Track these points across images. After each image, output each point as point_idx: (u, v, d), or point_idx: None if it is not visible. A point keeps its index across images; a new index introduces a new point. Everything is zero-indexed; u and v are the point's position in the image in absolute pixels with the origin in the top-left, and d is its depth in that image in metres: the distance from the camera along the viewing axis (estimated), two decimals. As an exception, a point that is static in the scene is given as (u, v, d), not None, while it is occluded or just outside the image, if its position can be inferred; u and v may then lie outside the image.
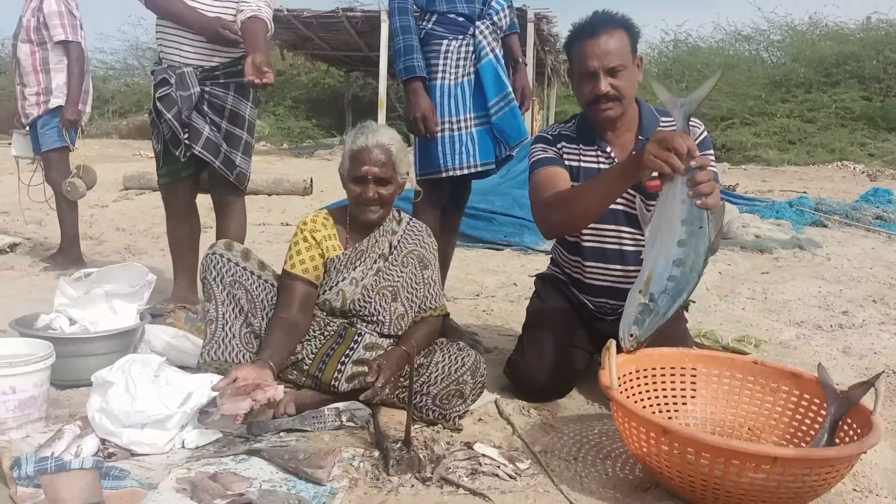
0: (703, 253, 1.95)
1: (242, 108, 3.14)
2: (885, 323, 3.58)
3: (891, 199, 7.67)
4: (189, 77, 3.01)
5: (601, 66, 2.28)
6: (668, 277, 1.97)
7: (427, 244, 2.45)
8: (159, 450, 1.95)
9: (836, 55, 18.96)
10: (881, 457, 2.06)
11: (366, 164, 2.26)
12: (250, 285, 2.32)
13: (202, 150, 3.05)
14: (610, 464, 2.00)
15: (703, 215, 1.93)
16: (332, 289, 2.33)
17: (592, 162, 2.44)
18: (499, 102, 2.84)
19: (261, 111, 20.11)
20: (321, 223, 2.38)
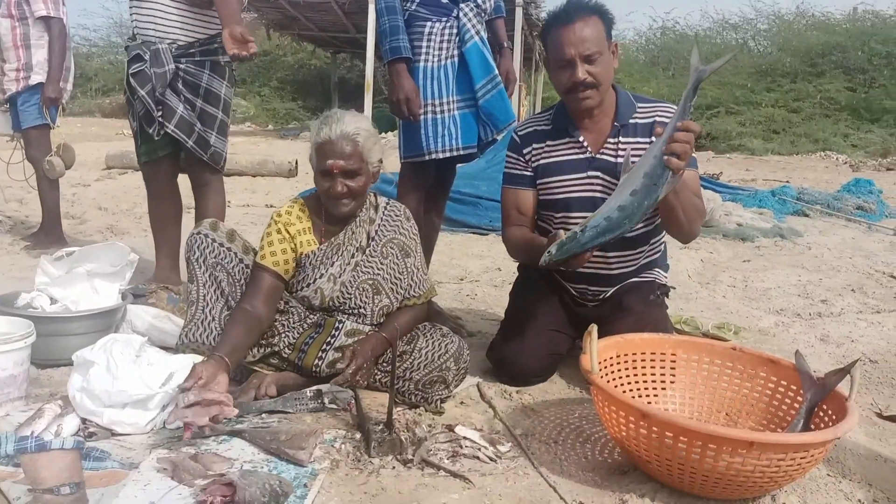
0: (644, 207, 2.06)
1: (218, 86, 3.08)
2: (863, 312, 3.63)
3: (872, 190, 7.74)
4: (164, 53, 2.95)
5: (577, 54, 2.27)
6: (605, 217, 2.07)
7: (407, 230, 2.37)
8: (140, 430, 1.95)
9: (822, 45, 19.03)
10: (855, 443, 2.10)
11: (330, 157, 2.15)
12: (232, 268, 2.28)
13: (175, 129, 3.00)
14: (590, 447, 2.02)
15: (662, 175, 2.01)
16: (309, 286, 2.27)
17: (563, 154, 2.47)
18: (486, 85, 2.81)
19: (246, 92, 19.98)
20: (296, 216, 2.29)
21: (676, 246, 4.93)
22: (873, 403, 2.45)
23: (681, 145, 1.97)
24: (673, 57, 21.56)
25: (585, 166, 2.43)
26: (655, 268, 2.59)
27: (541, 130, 2.52)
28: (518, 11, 12.66)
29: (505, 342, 2.52)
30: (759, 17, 22.48)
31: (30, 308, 2.49)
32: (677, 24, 23.70)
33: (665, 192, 2.04)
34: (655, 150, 2.02)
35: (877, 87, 17.72)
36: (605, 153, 2.42)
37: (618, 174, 2.38)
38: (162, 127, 3.00)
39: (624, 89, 2.49)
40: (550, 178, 2.47)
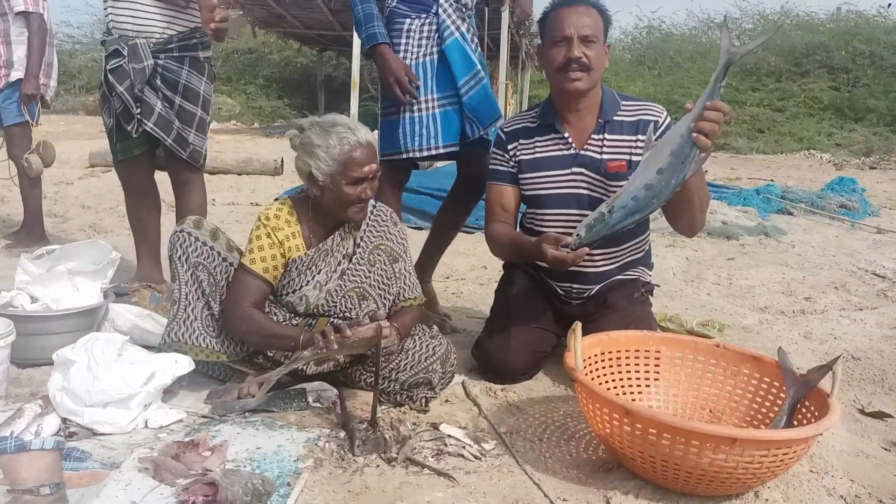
0: (672, 186, 2.02)
1: (197, 83, 3.05)
2: (846, 309, 3.65)
3: (855, 189, 7.79)
4: (142, 49, 2.91)
5: (576, 32, 2.30)
6: (633, 197, 2.04)
7: (394, 234, 2.31)
8: (122, 429, 1.93)
9: (807, 45, 19.17)
10: (837, 439, 2.11)
11: (366, 162, 2.10)
12: (214, 267, 2.23)
13: (153, 127, 2.96)
14: (574, 444, 2.02)
15: (690, 153, 1.98)
16: (294, 293, 2.22)
17: (549, 150, 2.48)
18: (469, 81, 2.76)
19: (231, 89, 19.87)
20: (284, 219, 2.21)
21: (662, 244, 4.96)
22: (856, 400, 2.47)
23: (709, 124, 1.95)
24: (659, 56, 21.65)
25: (570, 162, 2.44)
26: (640, 266, 2.59)
27: (526, 127, 2.53)
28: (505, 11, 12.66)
29: (490, 340, 2.52)
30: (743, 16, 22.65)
31: (9, 307, 2.46)
32: (663, 23, 23.86)
33: (692, 171, 2.01)
34: (682, 129, 1.99)
35: (860, 86, 17.86)
36: (589, 149, 2.42)
37: (602, 170, 2.39)
38: (140, 124, 2.96)
39: (609, 88, 2.50)
40: (534, 173, 2.48)
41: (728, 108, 2.01)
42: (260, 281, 2.17)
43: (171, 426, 1.99)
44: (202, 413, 2.08)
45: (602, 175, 2.40)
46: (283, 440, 1.92)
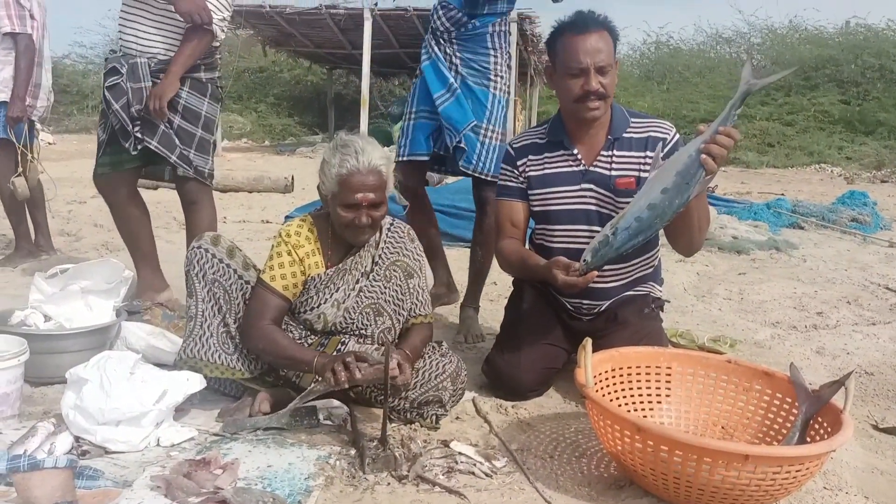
0: (675, 206, 2.02)
1: (197, 104, 3.07)
2: (859, 324, 3.63)
3: (866, 202, 7.75)
4: (142, 68, 2.94)
5: (592, 64, 2.30)
6: (636, 217, 2.04)
7: (410, 251, 2.31)
8: (134, 447, 1.94)
9: (816, 59, 19.13)
10: (851, 455, 2.10)
11: (359, 190, 2.09)
12: (230, 285, 2.24)
13: (158, 145, 2.98)
14: (585, 462, 2.02)
15: (696, 175, 1.98)
16: (312, 310, 2.22)
17: (558, 166, 2.50)
18: (443, 94, 3.04)
19: (242, 108, 20.01)
20: (305, 236, 2.22)
21: (672, 259, 4.95)
22: (869, 415, 2.45)
23: (719, 148, 1.96)
24: (667, 71, 21.64)
25: (579, 178, 2.45)
26: (650, 281, 2.59)
27: (536, 143, 2.54)
28: (513, 27, 12.73)
29: (500, 356, 2.52)
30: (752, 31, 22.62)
31: (23, 326, 2.48)
32: (671, 38, 23.82)
33: (697, 192, 2.02)
34: (691, 150, 2.00)
35: (870, 99, 17.79)
36: (598, 166, 2.43)
37: (611, 186, 2.40)
38: (139, 142, 2.96)
39: (618, 104, 2.51)
40: (544, 189, 2.50)
41: (739, 134, 2.02)
42: (279, 298, 2.18)
43: (183, 444, 2.00)
44: (213, 431, 2.09)
45: (611, 191, 2.41)
46: (293, 458, 1.92)
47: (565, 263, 2.19)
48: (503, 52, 3.08)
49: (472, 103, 3.04)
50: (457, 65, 3.05)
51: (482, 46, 3.04)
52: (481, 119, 3.04)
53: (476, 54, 3.04)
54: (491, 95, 3.05)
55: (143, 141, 2.97)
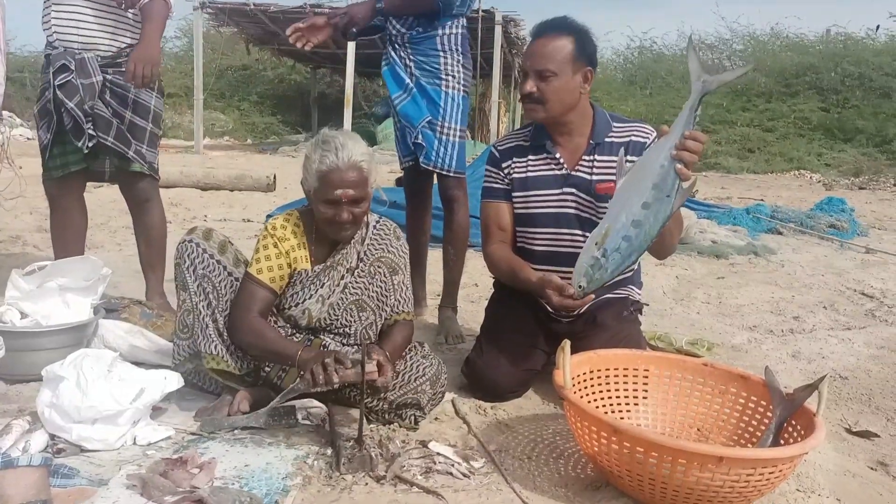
0: (661, 220, 2.00)
1: (147, 97, 3.04)
2: (834, 329, 3.68)
3: (844, 208, 7.84)
4: (90, 63, 2.88)
5: (531, 67, 2.38)
6: (624, 237, 2.02)
7: (395, 248, 2.30)
8: (110, 446, 1.93)
9: (796, 66, 19.32)
10: (824, 458, 2.12)
11: (339, 186, 2.08)
12: (219, 282, 2.22)
13: (114, 141, 2.94)
14: (563, 463, 2.03)
15: (674, 185, 1.96)
16: (297, 306, 2.23)
17: (541, 169, 2.53)
18: (401, 95, 3.16)
19: (225, 106, 19.89)
20: (291, 231, 2.23)
21: (652, 263, 4.98)
22: (843, 419, 2.48)
23: (690, 154, 1.95)
24: (650, 76, 21.78)
25: (561, 182, 2.47)
26: (629, 284, 2.61)
27: (520, 146, 2.58)
28: (497, 29, 12.76)
29: (480, 358, 2.53)
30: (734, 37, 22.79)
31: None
32: (654, 43, 23.98)
33: (679, 204, 2.00)
34: (661, 160, 1.97)
35: (849, 107, 18.00)
36: (580, 170, 2.46)
37: (592, 191, 2.42)
38: (92, 139, 2.90)
39: (602, 109, 2.53)
40: (527, 192, 2.52)
41: (705, 137, 2.01)
42: (266, 290, 2.18)
43: (160, 443, 1.99)
44: (191, 430, 2.08)
45: (592, 196, 2.44)
46: (271, 458, 1.92)
47: (558, 285, 2.19)
48: (454, 52, 3.15)
49: (427, 102, 3.13)
50: (411, 67, 3.14)
51: (432, 49, 3.13)
52: (436, 116, 3.12)
53: (427, 56, 3.13)
54: (444, 94, 3.12)
55: (98, 137, 2.91)
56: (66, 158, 3.02)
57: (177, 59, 21.27)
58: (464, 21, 3.21)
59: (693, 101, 2.01)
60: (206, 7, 14.03)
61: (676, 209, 2.01)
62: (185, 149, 13.89)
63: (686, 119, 1.98)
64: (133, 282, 3.51)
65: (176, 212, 6.46)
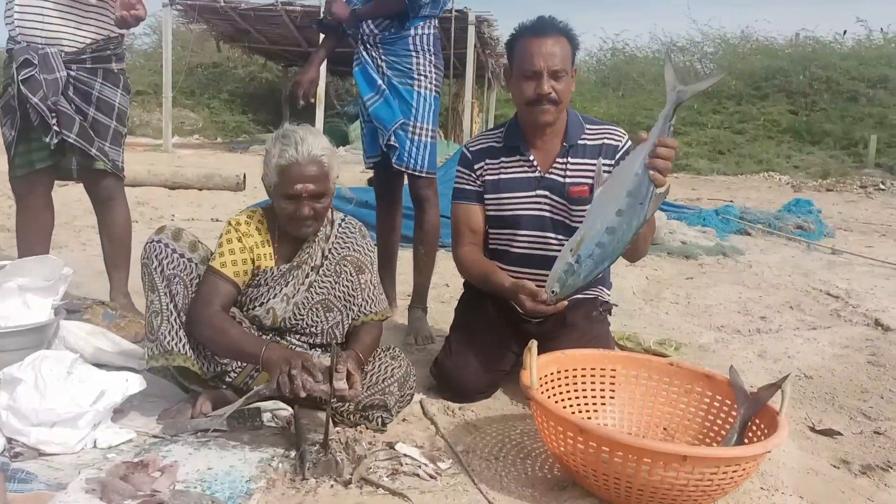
0: (634, 228, 2.02)
1: (111, 94, 2.99)
2: (800, 328, 3.72)
3: (811, 210, 7.95)
4: (54, 59, 2.82)
5: (546, 67, 2.31)
6: (597, 243, 2.03)
7: (362, 246, 2.27)
8: (69, 449, 1.89)
9: (766, 69, 19.60)
10: (788, 456, 2.15)
11: (298, 181, 2.06)
12: (190, 280, 2.16)
13: (77, 139, 2.88)
14: (530, 463, 2.03)
15: (647, 193, 1.99)
16: (261, 305, 2.19)
17: (514, 172, 2.50)
18: (373, 96, 3.14)
19: (195, 104, 19.69)
20: (255, 227, 2.20)
21: (622, 263, 4.97)
22: (807, 417, 2.51)
23: (663, 161, 1.98)
24: (623, 78, 21.97)
25: (535, 185, 2.47)
26: (599, 285, 2.62)
27: (493, 147, 2.55)
28: (471, 30, 12.77)
29: (449, 359, 2.52)
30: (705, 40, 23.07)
31: (-44, 323, 2.39)
32: (627, 45, 24.20)
33: (652, 210, 2.03)
34: (636, 168, 2.00)
35: (817, 110, 18.30)
36: (553, 172, 2.46)
37: (565, 194, 2.42)
38: (58, 135, 2.85)
39: (574, 110, 2.53)
40: (500, 194, 2.51)
41: (676, 143, 2.04)
42: (229, 284, 2.14)
43: (121, 446, 1.96)
44: (153, 433, 2.04)
45: (565, 199, 2.44)
46: (235, 460, 1.90)
47: (531, 290, 2.20)
48: (426, 53, 3.15)
49: (399, 102, 3.13)
50: (383, 67, 3.14)
51: (404, 49, 3.13)
52: (409, 117, 3.12)
53: (399, 56, 3.13)
54: (416, 94, 3.13)
55: (62, 134, 2.86)
56: (31, 156, 2.96)
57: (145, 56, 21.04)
58: (436, 22, 3.21)
59: (667, 110, 2.05)
60: (176, 4, 13.87)
61: (650, 216, 2.04)
62: (153, 147, 13.72)
63: (661, 128, 2.02)
64: (97, 282, 3.45)
65: (143, 211, 6.38)
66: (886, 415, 2.56)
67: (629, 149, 2.44)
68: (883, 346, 3.42)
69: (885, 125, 16.96)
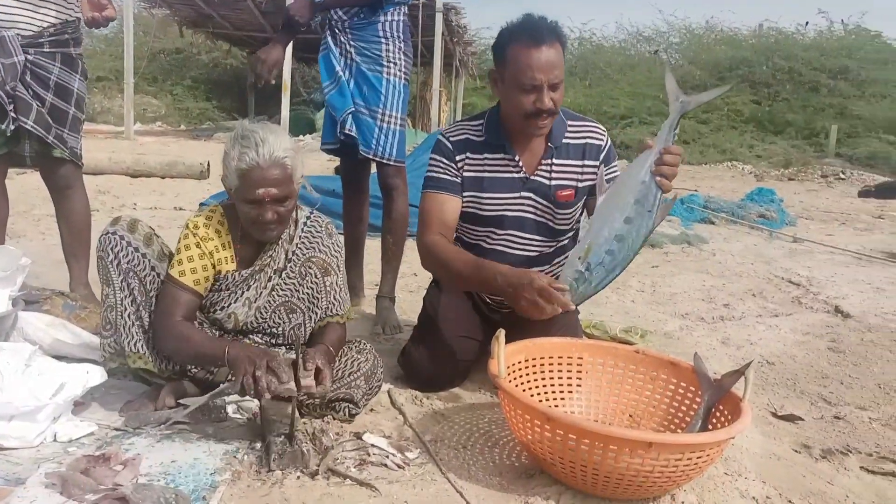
0: (643, 235, 2.06)
1: (69, 80, 2.91)
2: (762, 315, 3.79)
3: (773, 199, 8.09)
4: (11, 42, 2.73)
5: (546, 80, 2.20)
6: (607, 251, 2.05)
7: (328, 247, 2.19)
8: (28, 443, 1.85)
9: (730, 59, 19.85)
10: (751, 442, 2.18)
11: (260, 185, 1.95)
12: (144, 276, 2.09)
13: (34, 125, 2.80)
14: (497, 451, 2.03)
15: (655, 200, 2.03)
16: (223, 309, 2.13)
17: (499, 171, 2.41)
18: (329, 84, 3.13)
19: (157, 90, 19.36)
20: (214, 229, 2.10)
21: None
22: (769, 403, 2.55)
23: (669, 168, 2.02)
24: (590, 67, 22.08)
25: (519, 186, 2.41)
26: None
27: (473, 140, 2.44)
28: (438, 17, 12.72)
29: (416, 349, 2.50)
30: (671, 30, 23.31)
31: None
32: (594, 35, 24.34)
33: (661, 218, 2.06)
34: (642, 176, 2.03)
35: (780, 100, 18.58)
36: (539, 174, 2.40)
37: (551, 197, 2.39)
38: (15, 122, 2.77)
39: None
40: (480, 192, 2.42)
41: (681, 149, 2.08)
42: (189, 293, 2.06)
43: (82, 440, 1.92)
44: (115, 426, 2.00)
45: (550, 202, 2.40)
46: (199, 453, 1.87)
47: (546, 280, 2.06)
48: (395, 39, 3.12)
49: (368, 89, 3.09)
50: (351, 52, 3.09)
51: (374, 35, 3.08)
52: (377, 104, 3.08)
53: (368, 42, 3.08)
54: (385, 81, 3.09)
55: (18, 121, 2.78)
56: None
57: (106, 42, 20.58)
58: (405, 8, 3.17)
59: (672, 119, 2.09)
60: (138, -12, 13.59)
61: (658, 223, 2.08)
62: (114, 134, 13.45)
63: (665, 137, 2.07)
64: (56, 272, 3.38)
65: (104, 199, 6.26)
66: (846, 400, 2.62)
67: (610, 147, 2.44)
68: (843, 332, 3.50)
69: (846, 115, 17.30)
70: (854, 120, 17.09)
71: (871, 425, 2.39)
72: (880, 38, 20.49)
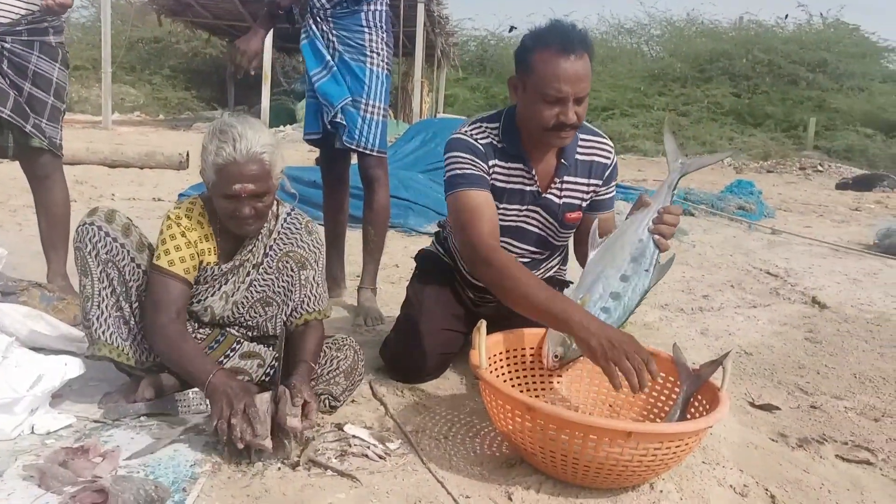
0: (639, 293, 2.05)
1: (48, 69, 2.88)
2: (741, 306, 3.82)
3: (752, 191, 8.17)
4: None
5: (573, 94, 2.08)
6: (602, 308, 2.03)
7: (306, 242, 2.17)
8: (6, 436, 1.83)
9: (710, 52, 19.98)
10: (729, 431, 2.20)
11: (237, 180, 1.92)
12: (123, 267, 2.06)
13: (11, 114, 2.78)
14: (479, 442, 2.04)
15: (652, 259, 2.03)
16: (199, 303, 2.11)
17: (514, 182, 2.32)
18: (320, 72, 3.08)
19: (135, 79, 19.15)
20: (196, 220, 2.07)
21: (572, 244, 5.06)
22: (747, 393, 2.58)
23: (668, 227, 2.03)
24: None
25: (530, 200, 2.35)
26: (559, 265, 2.64)
27: (497, 147, 2.31)
28: (420, 8, 12.68)
29: (398, 340, 2.51)
30: (652, 22, 23.42)
31: None
32: (576, 26, 24.33)
33: (657, 278, 2.05)
34: (640, 234, 2.03)
35: (759, 93, 18.75)
36: (551, 192, 2.35)
37: (560, 217, 2.37)
38: None
39: None
40: (500, 204, 2.33)
41: (680, 210, 2.09)
42: (181, 283, 2.03)
43: (60, 432, 1.90)
44: (94, 418, 1.99)
45: (557, 221, 2.38)
46: (179, 444, 1.86)
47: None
48: (378, 29, 3.10)
49: (351, 79, 3.07)
50: (333, 42, 3.07)
51: (356, 24, 3.06)
52: (360, 94, 3.07)
53: (351, 31, 3.06)
54: (368, 71, 3.08)
55: None
56: None
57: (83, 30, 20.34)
58: None
59: (672, 180, 2.10)
60: (116, -25, 13.42)
61: (654, 284, 2.06)
62: (92, 124, 13.30)
63: (664, 196, 2.07)
64: (34, 263, 3.34)
65: (82, 190, 6.19)
66: (822, 389, 2.66)
67: (615, 166, 2.44)
68: (819, 323, 3.54)
69: (824, 108, 17.49)
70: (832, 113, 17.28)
71: (847, 414, 2.43)
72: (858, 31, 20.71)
